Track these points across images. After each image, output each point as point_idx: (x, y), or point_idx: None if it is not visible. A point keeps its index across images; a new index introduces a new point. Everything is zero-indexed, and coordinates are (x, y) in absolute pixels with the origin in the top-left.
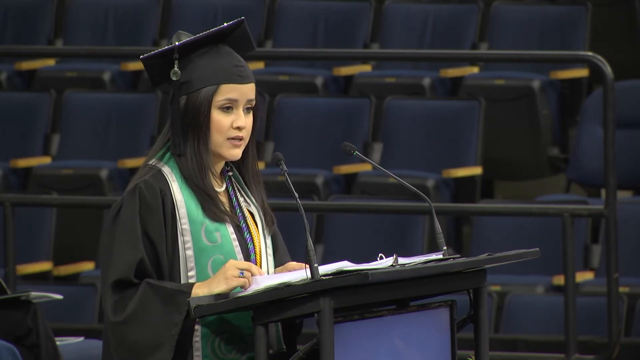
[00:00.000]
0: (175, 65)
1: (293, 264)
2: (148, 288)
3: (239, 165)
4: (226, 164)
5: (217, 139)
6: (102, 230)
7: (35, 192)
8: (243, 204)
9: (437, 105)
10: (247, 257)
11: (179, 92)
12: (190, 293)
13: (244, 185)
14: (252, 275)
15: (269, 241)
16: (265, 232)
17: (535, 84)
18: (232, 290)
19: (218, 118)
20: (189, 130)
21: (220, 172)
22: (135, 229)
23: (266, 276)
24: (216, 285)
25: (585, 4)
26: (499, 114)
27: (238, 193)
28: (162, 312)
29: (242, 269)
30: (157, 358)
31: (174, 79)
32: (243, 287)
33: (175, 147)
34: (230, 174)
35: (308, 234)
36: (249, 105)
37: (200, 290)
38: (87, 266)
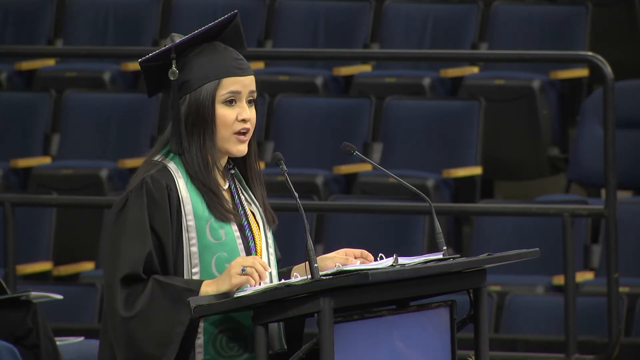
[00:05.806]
0: (173, 65)
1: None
2: (157, 285)
3: (240, 164)
4: (228, 161)
5: (224, 134)
6: (105, 224)
7: (35, 192)
8: (245, 203)
9: (437, 105)
10: (248, 254)
11: (180, 93)
12: (199, 291)
13: (245, 184)
14: (257, 272)
15: (270, 240)
16: (267, 230)
17: (535, 84)
18: (236, 288)
19: (223, 112)
20: (194, 128)
21: (222, 170)
22: (143, 224)
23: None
24: (222, 284)
25: (585, 4)
26: (499, 114)
27: (240, 192)
28: (170, 310)
29: (245, 266)
30: (162, 356)
31: (172, 78)
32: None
33: (177, 145)
34: (232, 172)
35: (308, 234)
36: (251, 98)
37: (210, 288)
38: (87, 266)
